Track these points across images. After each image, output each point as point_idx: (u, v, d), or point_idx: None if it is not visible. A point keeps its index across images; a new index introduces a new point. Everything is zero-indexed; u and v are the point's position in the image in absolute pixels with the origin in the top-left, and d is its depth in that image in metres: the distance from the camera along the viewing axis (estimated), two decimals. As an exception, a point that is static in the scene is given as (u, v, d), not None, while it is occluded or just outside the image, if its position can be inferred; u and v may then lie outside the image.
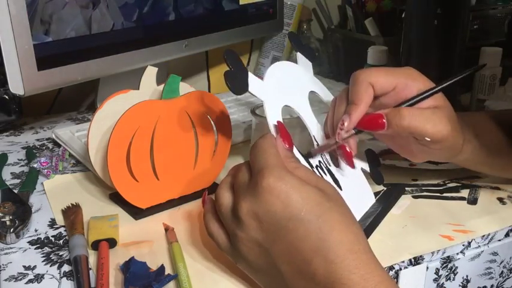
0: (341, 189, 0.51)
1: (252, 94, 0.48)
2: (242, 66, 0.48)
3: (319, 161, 0.51)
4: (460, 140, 0.51)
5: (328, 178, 0.50)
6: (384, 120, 0.47)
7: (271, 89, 0.50)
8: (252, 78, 0.48)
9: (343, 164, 0.53)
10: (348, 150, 0.50)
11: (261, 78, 0.50)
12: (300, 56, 0.57)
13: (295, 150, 0.47)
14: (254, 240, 0.41)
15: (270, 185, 0.40)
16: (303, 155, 0.49)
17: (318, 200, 0.40)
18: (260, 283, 0.44)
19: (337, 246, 0.39)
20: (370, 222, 0.53)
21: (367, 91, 0.49)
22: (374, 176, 0.58)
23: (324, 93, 0.58)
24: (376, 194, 0.58)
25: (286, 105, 0.52)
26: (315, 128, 0.54)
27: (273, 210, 0.40)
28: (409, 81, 0.49)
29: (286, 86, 0.53)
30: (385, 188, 0.60)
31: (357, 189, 0.54)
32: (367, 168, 0.57)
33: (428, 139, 0.48)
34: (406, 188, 0.62)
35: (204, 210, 0.48)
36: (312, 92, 0.56)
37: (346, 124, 0.48)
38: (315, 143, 0.52)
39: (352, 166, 0.52)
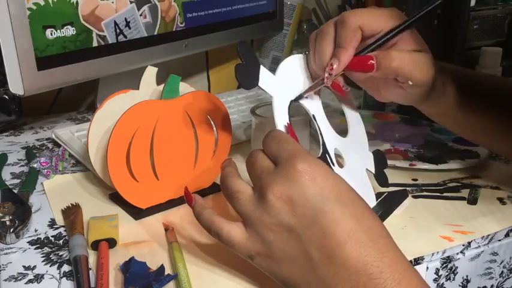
0: None
1: (261, 89, 0.47)
2: (255, 60, 0.47)
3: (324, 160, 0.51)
4: (440, 86, 0.53)
5: None
6: (373, 62, 0.48)
7: (281, 84, 0.49)
8: (263, 72, 0.47)
9: (347, 165, 0.53)
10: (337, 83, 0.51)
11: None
12: None
13: None
14: (284, 225, 0.40)
15: (305, 169, 0.40)
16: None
17: (348, 187, 0.41)
18: (280, 276, 0.42)
19: (370, 230, 0.39)
20: None
21: (355, 35, 0.49)
22: (378, 178, 0.57)
23: None
24: (379, 195, 0.57)
25: (295, 100, 0.51)
26: (323, 125, 0.53)
27: (310, 193, 0.39)
28: (395, 23, 0.50)
29: (298, 81, 0.52)
30: (386, 192, 0.58)
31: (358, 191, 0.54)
32: (372, 169, 0.57)
33: (411, 83, 0.50)
34: (406, 188, 0.62)
35: (195, 209, 0.46)
36: (325, 87, 0.56)
37: (335, 68, 0.49)
38: (321, 140, 0.52)
39: (343, 94, 0.52)
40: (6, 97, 0.78)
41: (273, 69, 0.50)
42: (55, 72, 0.66)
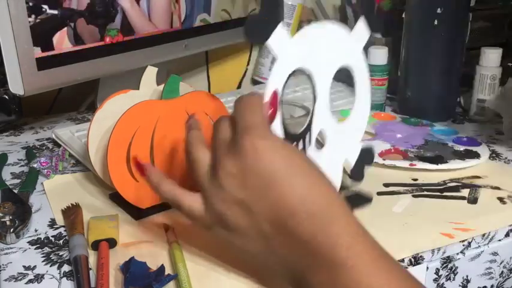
0: None
1: (268, 47, 0.43)
2: (277, 13, 0.42)
3: (298, 144, 0.49)
4: None
5: None
6: None
7: (293, 50, 0.44)
8: (279, 31, 0.43)
9: (325, 148, 0.52)
10: None
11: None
12: (360, 23, 0.52)
13: (279, 129, 0.47)
14: (236, 198, 0.41)
15: (254, 143, 0.40)
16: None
17: (302, 158, 0.41)
18: (238, 247, 0.42)
19: (319, 198, 0.39)
20: None
21: None
22: (354, 172, 0.55)
23: (359, 69, 0.53)
24: (348, 192, 0.55)
25: (299, 68, 0.46)
26: (321, 104, 0.50)
27: (261, 166, 0.40)
28: None
29: (314, 51, 0.47)
30: (354, 192, 0.56)
31: None
32: (352, 161, 0.55)
33: None
34: (406, 188, 0.62)
35: (153, 180, 0.46)
36: (344, 67, 0.52)
37: None
38: (309, 119, 0.50)
39: None
40: (6, 97, 0.78)
41: None
42: (55, 72, 0.66)
